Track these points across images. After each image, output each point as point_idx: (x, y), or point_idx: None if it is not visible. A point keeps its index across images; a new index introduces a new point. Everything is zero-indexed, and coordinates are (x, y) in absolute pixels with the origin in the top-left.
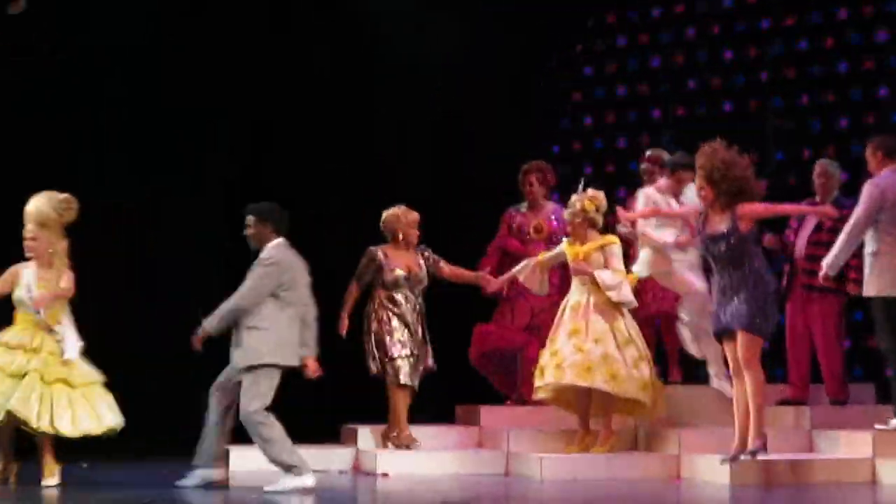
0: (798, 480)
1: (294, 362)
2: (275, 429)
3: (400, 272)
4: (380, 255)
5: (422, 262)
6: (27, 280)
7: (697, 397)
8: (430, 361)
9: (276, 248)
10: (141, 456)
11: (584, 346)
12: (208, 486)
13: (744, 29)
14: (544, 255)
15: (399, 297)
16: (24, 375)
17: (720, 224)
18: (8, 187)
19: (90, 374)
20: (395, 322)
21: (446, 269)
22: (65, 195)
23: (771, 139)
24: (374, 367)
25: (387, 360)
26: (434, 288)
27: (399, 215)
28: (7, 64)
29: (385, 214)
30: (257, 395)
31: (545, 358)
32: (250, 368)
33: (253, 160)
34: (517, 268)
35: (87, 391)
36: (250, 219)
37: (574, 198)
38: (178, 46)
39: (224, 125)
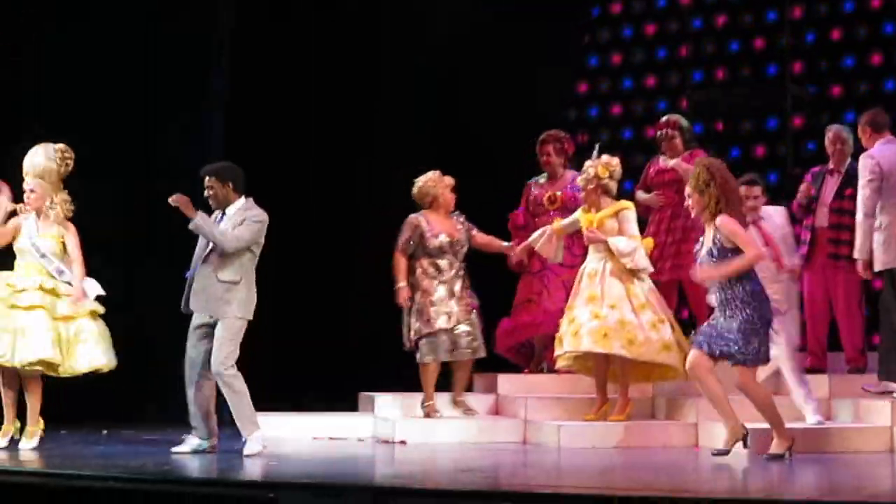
0: (816, 448)
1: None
2: (243, 382)
3: (444, 238)
4: (422, 221)
5: (460, 226)
6: (28, 230)
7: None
8: (480, 339)
9: (254, 206)
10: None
11: (600, 312)
12: (203, 452)
13: None
14: (559, 223)
15: (443, 263)
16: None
17: (708, 238)
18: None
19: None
20: (440, 291)
21: (478, 236)
22: (61, 145)
23: (790, 105)
24: (408, 340)
25: (422, 333)
26: None
27: (436, 179)
28: None
29: (420, 181)
30: (231, 349)
31: (564, 326)
32: (223, 321)
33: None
34: (533, 236)
35: (103, 327)
36: (211, 180)
37: (587, 164)
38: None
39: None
